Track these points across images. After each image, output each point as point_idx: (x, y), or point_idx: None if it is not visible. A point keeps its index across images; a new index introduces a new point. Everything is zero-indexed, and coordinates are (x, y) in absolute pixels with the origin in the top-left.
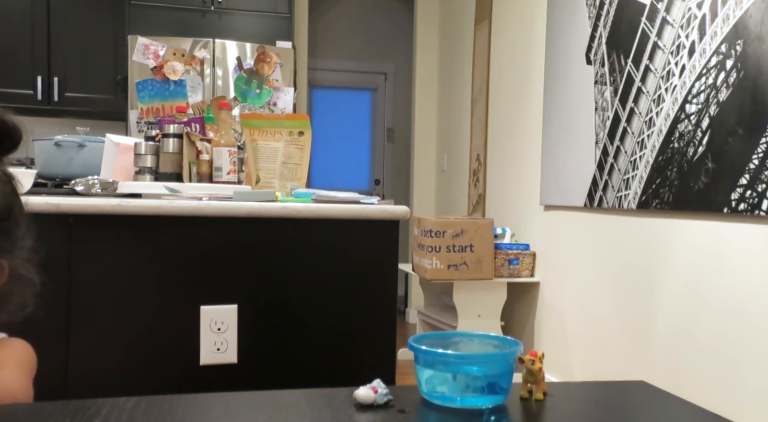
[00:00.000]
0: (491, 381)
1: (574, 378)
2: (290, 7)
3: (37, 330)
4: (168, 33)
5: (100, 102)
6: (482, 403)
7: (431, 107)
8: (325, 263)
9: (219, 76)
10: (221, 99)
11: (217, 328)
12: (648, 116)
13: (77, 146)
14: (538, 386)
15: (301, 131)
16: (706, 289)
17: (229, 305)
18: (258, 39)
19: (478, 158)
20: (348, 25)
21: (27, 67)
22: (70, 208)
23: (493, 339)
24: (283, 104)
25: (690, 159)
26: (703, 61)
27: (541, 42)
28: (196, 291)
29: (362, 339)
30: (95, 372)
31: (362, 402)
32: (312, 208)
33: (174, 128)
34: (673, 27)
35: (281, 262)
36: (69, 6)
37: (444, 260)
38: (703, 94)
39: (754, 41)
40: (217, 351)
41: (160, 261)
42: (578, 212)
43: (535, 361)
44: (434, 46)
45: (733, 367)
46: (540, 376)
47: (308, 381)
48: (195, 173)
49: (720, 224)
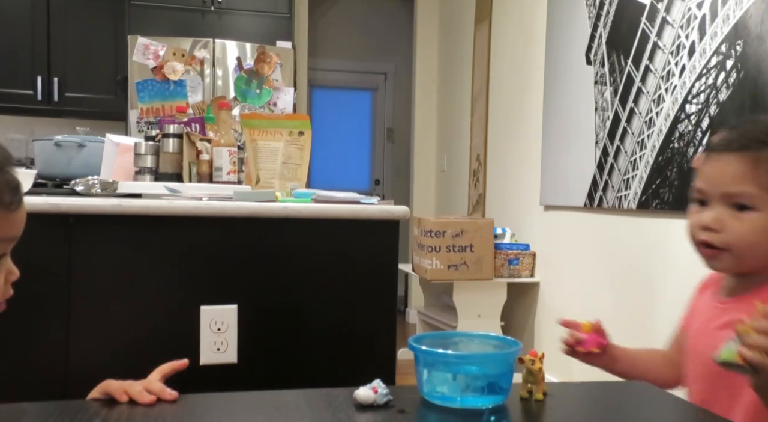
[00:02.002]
0: (491, 381)
1: (574, 378)
2: (290, 7)
3: (37, 330)
4: (168, 33)
5: (100, 102)
6: (482, 403)
7: (431, 107)
8: (325, 263)
9: (219, 76)
10: (221, 99)
11: (217, 328)
12: (648, 116)
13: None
14: (538, 386)
15: (301, 131)
16: None
17: (229, 305)
18: (258, 39)
19: (478, 158)
20: (348, 25)
21: (27, 67)
22: (70, 208)
23: (493, 339)
24: (283, 104)
25: (690, 159)
26: (703, 61)
27: (541, 42)
28: (196, 291)
29: (362, 339)
30: (95, 372)
31: (362, 402)
32: (312, 208)
33: (174, 128)
34: (673, 27)
35: (281, 262)
36: (69, 6)
37: (444, 260)
38: (703, 94)
39: (754, 41)
40: (217, 351)
41: (160, 261)
42: (578, 212)
43: (535, 361)
44: (434, 46)
45: None
46: (540, 376)
47: (308, 381)
48: (195, 173)
49: None
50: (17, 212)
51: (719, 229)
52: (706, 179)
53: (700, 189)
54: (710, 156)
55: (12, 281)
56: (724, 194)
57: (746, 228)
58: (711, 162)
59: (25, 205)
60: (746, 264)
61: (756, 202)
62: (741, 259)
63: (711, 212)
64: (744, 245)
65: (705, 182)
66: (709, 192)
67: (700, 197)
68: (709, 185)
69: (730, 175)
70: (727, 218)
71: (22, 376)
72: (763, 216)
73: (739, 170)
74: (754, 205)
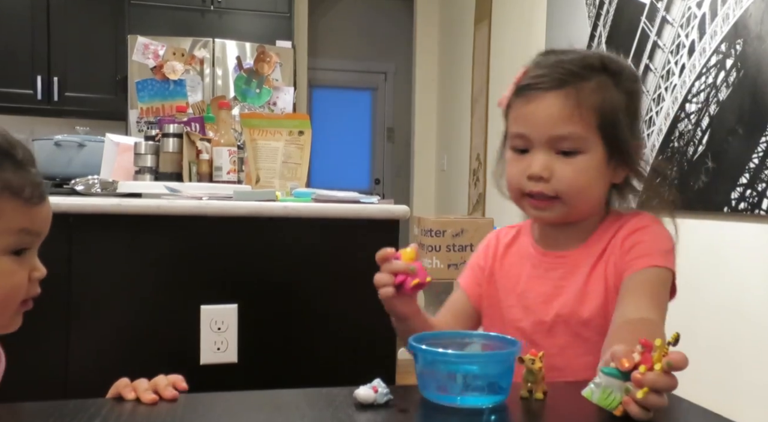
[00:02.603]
0: (491, 380)
1: None
2: (290, 6)
3: (37, 330)
4: (168, 33)
5: (100, 102)
6: (482, 403)
7: (431, 106)
8: (325, 263)
9: (219, 76)
10: (221, 99)
11: (217, 328)
12: (648, 115)
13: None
14: (538, 386)
15: (301, 130)
16: (706, 288)
17: (229, 305)
18: (258, 39)
19: (478, 157)
20: (348, 25)
21: (27, 67)
22: (70, 208)
23: (493, 339)
24: (283, 104)
25: (690, 158)
26: (703, 60)
27: (541, 42)
28: (196, 291)
29: (362, 339)
30: (95, 372)
31: (362, 401)
32: (312, 207)
33: (174, 128)
34: (673, 26)
35: (281, 262)
36: (69, 6)
37: (444, 259)
38: (702, 93)
39: (754, 40)
40: (217, 351)
41: (160, 261)
42: None
43: (535, 361)
44: (434, 46)
45: (733, 366)
46: (540, 376)
47: (308, 381)
48: (195, 172)
49: (720, 224)
50: (39, 206)
51: (549, 177)
52: (527, 123)
53: (522, 135)
54: (526, 96)
55: (38, 279)
56: (551, 138)
57: (576, 173)
58: (530, 104)
59: (49, 203)
60: (576, 211)
61: (583, 144)
62: (572, 206)
63: (538, 160)
64: (575, 191)
65: (527, 127)
66: (533, 137)
67: (522, 144)
68: (532, 130)
69: (557, 116)
70: (556, 164)
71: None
72: (590, 157)
73: (566, 110)
74: (581, 147)
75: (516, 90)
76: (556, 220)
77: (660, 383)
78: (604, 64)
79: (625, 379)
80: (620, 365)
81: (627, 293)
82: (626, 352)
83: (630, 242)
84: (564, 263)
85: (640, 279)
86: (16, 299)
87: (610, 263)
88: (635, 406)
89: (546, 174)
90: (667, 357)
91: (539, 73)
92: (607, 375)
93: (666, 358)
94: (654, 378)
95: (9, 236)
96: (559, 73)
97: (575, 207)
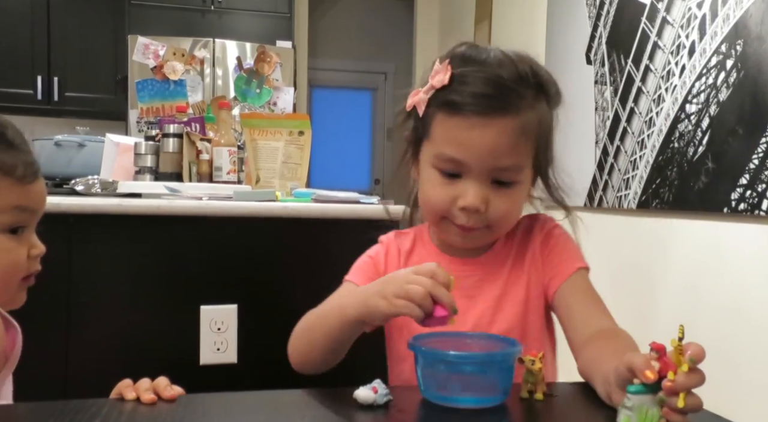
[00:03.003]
0: (491, 381)
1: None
2: (290, 6)
3: (37, 330)
4: (168, 33)
5: (100, 102)
6: (482, 403)
7: None
8: (325, 263)
9: (219, 76)
10: (221, 99)
11: (217, 328)
12: (648, 116)
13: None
14: (538, 386)
15: (301, 130)
16: (706, 289)
17: (229, 305)
18: (258, 39)
19: None
20: (348, 25)
21: (27, 67)
22: (70, 208)
23: (493, 339)
24: (283, 104)
25: (690, 159)
26: (704, 61)
27: (541, 42)
28: (196, 291)
29: (362, 339)
30: (95, 372)
31: (362, 402)
32: (312, 208)
33: (174, 128)
34: (673, 27)
35: (281, 262)
36: (69, 6)
37: None
38: (703, 94)
39: (754, 41)
40: (217, 351)
41: (160, 261)
42: (578, 211)
43: (535, 361)
44: (434, 46)
45: (733, 366)
46: (540, 376)
47: (308, 382)
48: (195, 172)
49: (720, 224)
50: (33, 184)
51: (485, 210)
52: (468, 151)
53: (457, 160)
54: (467, 119)
55: (37, 256)
56: (493, 169)
57: (511, 204)
58: (474, 130)
59: (43, 181)
60: (501, 234)
61: (520, 174)
62: (497, 233)
63: (475, 191)
64: (507, 222)
65: (467, 154)
66: (472, 166)
67: (454, 169)
68: (473, 159)
69: (503, 148)
70: (491, 195)
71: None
72: (524, 186)
73: (512, 140)
74: (518, 177)
75: (445, 102)
76: (480, 245)
77: (692, 383)
78: (534, 72)
79: (655, 391)
80: (645, 378)
81: (575, 303)
82: (644, 363)
83: (548, 248)
84: (473, 270)
85: (577, 286)
86: (16, 276)
87: (532, 271)
88: (677, 415)
89: (483, 208)
90: (688, 352)
91: (479, 92)
92: (636, 394)
93: (688, 354)
94: (685, 381)
95: (4, 214)
96: (502, 94)
97: (502, 233)
